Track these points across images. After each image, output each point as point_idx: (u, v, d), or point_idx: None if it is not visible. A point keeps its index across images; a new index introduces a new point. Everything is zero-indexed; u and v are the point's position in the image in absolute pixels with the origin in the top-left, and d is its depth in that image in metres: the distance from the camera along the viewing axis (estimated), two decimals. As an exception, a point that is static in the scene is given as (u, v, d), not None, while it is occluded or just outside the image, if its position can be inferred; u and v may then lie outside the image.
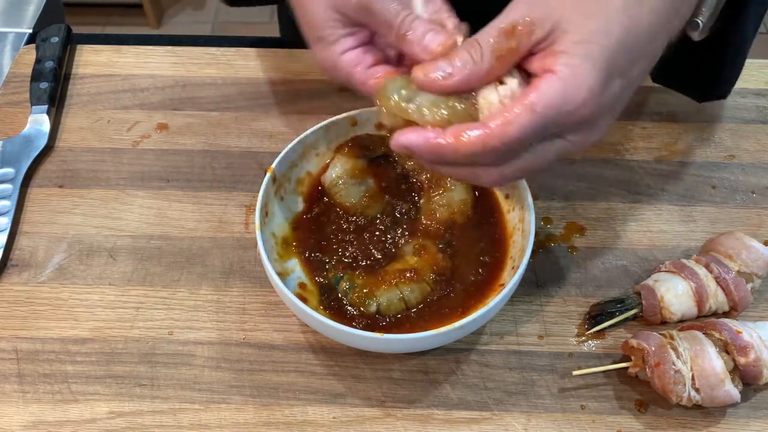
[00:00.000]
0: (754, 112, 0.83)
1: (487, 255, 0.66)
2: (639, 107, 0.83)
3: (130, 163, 0.79)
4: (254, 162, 0.79)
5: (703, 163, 0.79)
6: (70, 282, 0.70)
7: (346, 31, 0.64)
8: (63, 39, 0.87)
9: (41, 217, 0.74)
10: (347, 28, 0.64)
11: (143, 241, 0.73)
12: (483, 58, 0.51)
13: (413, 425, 0.61)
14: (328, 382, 0.64)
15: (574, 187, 0.77)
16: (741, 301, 0.64)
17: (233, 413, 0.62)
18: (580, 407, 0.62)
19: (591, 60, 0.49)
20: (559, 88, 0.48)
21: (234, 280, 0.70)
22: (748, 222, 0.74)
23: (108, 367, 0.64)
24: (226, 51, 0.89)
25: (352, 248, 0.67)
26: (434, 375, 0.64)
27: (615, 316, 0.66)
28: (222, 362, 0.65)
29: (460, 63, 0.51)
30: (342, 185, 0.69)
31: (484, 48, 0.50)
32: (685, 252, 0.72)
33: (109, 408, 0.62)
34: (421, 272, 0.63)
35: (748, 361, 0.59)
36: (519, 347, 0.66)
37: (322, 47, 0.65)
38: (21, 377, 0.64)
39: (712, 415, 0.62)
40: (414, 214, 0.68)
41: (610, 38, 0.49)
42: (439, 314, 0.63)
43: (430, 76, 0.51)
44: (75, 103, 0.84)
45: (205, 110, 0.84)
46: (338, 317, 0.62)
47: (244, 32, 2.54)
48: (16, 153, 0.78)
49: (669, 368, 0.59)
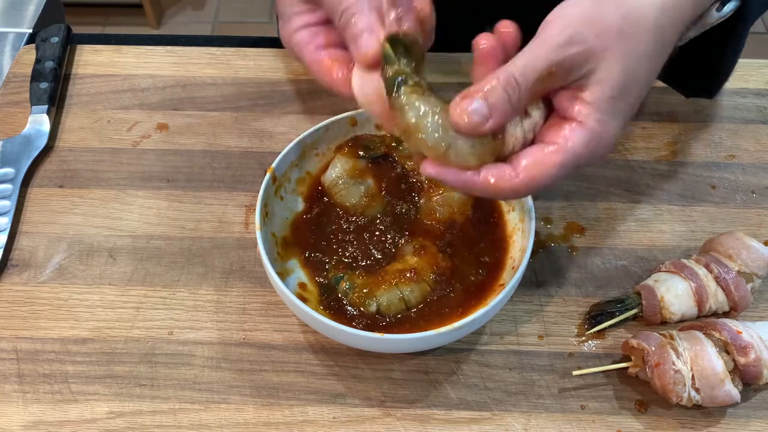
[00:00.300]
0: (754, 112, 0.83)
1: (487, 255, 0.66)
2: (639, 107, 0.83)
3: (130, 163, 0.79)
4: (254, 162, 0.79)
5: (703, 163, 0.79)
6: (70, 282, 0.70)
7: (304, 8, 0.65)
8: (63, 39, 0.87)
9: (41, 217, 0.74)
10: (305, 5, 0.65)
11: (143, 241, 0.73)
12: (520, 99, 0.50)
13: (413, 425, 0.61)
14: (328, 382, 0.64)
15: (574, 187, 0.77)
16: (741, 301, 0.64)
17: (233, 413, 0.62)
18: (580, 407, 0.62)
19: (619, 116, 0.51)
20: (588, 142, 0.50)
21: (234, 280, 0.70)
22: (748, 222, 0.74)
23: (108, 367, 0.64)
24: (226, 51, 0.90)
25: (352, 248, 0.67)
26: (434, 375, 0.64)
27: (615, 316, 0.66)
28: (222, 362, 0.65)
29: (497, 102, 0.49)
30: (342, 185, 0.69)
31: (522, 89, 0.50)
32: (685, 252, 0.72)
33: (109, 408, 0.62)
34: (421, 272, 0.63)
35: (748, 361, 0.59)
36: (519, 347, 0.66)
37: (282, 23, 0.66)
38: (21, 377, 0.64)
39: (712, 415, 0.62)
40: (414, 214, 0.68)
41: (636, 89, 0.52)
42: (439, 314, 0.63)
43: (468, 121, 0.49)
44: (75, 103, 0.84)
45: (205, 110, 0.84)
46: (338, 317, 0.62)
47: (244, 32, 2.55)
48: (16, 153, 0.78)
49: (669, 368, 0.59)
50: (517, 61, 0.50)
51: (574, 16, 0.50)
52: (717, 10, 0.59)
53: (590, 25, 0.50)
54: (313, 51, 0.64)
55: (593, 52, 0.50)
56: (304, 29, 0.65)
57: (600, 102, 0.50)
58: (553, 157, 0.50)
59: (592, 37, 0.50)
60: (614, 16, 0.51)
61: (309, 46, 0.65)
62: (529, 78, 0.49)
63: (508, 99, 0.49)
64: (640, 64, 0.52)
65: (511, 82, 0.49)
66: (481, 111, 0.49)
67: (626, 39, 0.51)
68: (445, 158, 0.51)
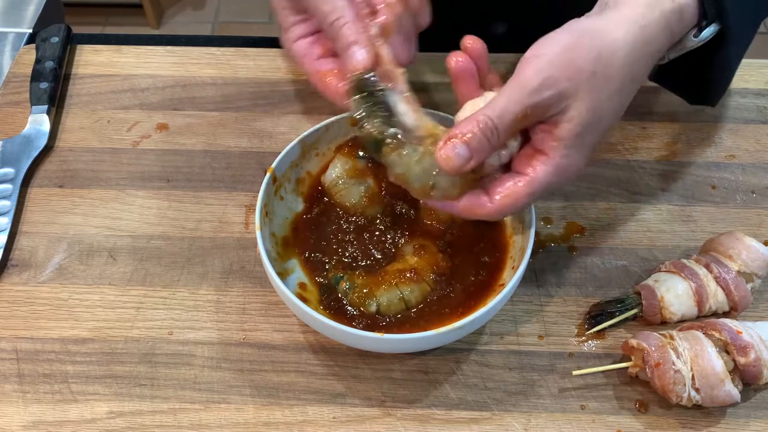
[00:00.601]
0: (754, 112, 0.83)
1: (487, 255, 0.66)
2: (639, 107, 0.83)
3: (130, 163, 0.79)
4: (254, 162, 0.79)
5: (703, 163, 0.79)
6: (70, 282, 0.70)
7: (297, 18, 0.69)
8: (63, 39, 0.87)
9: (41, 217, 0.74)
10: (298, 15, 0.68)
11: (143, 241, 0.73)
12: (499, 140, 0.55)
13: (413, 425, 0.61)
14: (328, 382, 0.64)
15: (574, 187, 0.77)
16: (741, 301, 0.64)
17: (233, 413, 0.62)
18: (580, 407, 0.62)
19: (584, 149, 0.56)
20: (554, 174, 0.56)
21: (234, 280, 0.70)
22: (748, 222, 0.74)
23: (108, 367, 0.64)
24: (226, 51, 0.90)
25: (352, 248, 0.67)
26: (434, 375, 0.64)
27: (615, 316, 0.66)
28: (222, 362, 0.65)
29: (477, 146, 0.54)
30: (342, 185, 0.69)
31: (500, 131, 0.54)
32: (685, 252, 0.72)
33: (109, 408, 0.62)
34: (421, 272, 0.63)
35: (748, 361, 0.59)
36: (519, 347, 0.66)
37: (281, 34, 0.69)
38: (21, 377, 0.64)
39: (712, 415, 0.62)
40: (414, 214, 0.68)
41: (602, 124, 0.56)
42: (439, 314, 0.63)
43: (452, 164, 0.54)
44: (75, 103, 0.84)
45: (205, 110, 0.84)
46: (338, 317, 0.62)
47: (244, 32, 2.55)
48: (16, 153, 0.78)
49: (669, 368, 0.59)
50: (495, 105, 0.54)
51: (549, 58, 0.54)
52: (694, 36, 0.61)
53: (564, 69, 0.53)
54: (310, 62, 0.68)
55: (565, 95, 0.54)
56: (301, 40, 0.69)
57: (568, 138, 0.55)
58: (523, 189, 0.56)
59: (565, 80, 0.53)
60: (588, 57, 0.54)
61: (306, 58, 0.69)
62: (505, 121, 0.54)
63: (487, 142, 0.54)
64: (609, 99, 0.56)
65: (490, 126, 0.54)
66: (463, 154, 0.54)
67: (597, 78, 0.54)
68: (431, 195, 0.58)
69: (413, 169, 0.57)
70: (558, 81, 0.53)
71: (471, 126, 0.54)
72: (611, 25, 0.56)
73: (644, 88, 0.80)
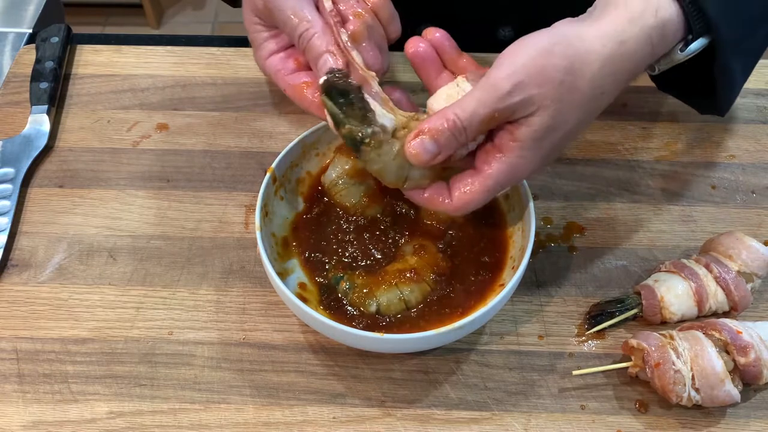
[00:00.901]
0: (754, 112, 0.83)
1: (487, 255, 0.66)
2: (639, 107, 0.83)
3: (130, 163, 0.79)
4: (254, 162, 0.79)
5: (703, 163, 0.79)
6: (70, 282, 0.70)
7: (268, 34, 0.71)
8: (63, 39, 0.87)
9: (41, 217, 0.74)
10: (268, 31, 0.70)
11: (143, 241, 0.73)
12: (466, 138, 0.56)
13: (413, 425, 0.61)
14: (328, 382, 0.64)
15: (574, 187, 0.77)
16: (741, 301, 0.65)
17: (233, 413, 0.62)
18: (580, 407, 0.62)
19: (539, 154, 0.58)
20: (508, 173, 0.58)
21: (234, 280, 0.70)
22: (748, 222, 0.74)
23: (108, 367, 0.64)
24: (226, 51, 0.90)
25: (352, 248, 0.67)
26: (434, 375, 0.64)
27: (615, 316, 0.66)
28: (222, 362, 0.65)
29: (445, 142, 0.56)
30: (342, 185, 0.69)
31: (468, 131, 0.56)
32: (685, 252, 0.72)
33: (109, 408, 0.62)
34: (421, 272, 0.63)
35: (748, 361, 0.59)
36: (519, 347, 0.66)
37: (254, 51, 0.71)
38: (21, 377, 0.64)
39: (712, 415, 0.62)
40: (414, 214, 0.68)
41: (562, 132, 0.57)
42: (439, 314, 0.63)
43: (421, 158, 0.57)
44: (75, 103, 0.84)
45: (205, 110, 0.84)
46: (338, 317, 0.62)
47: (244, 32, 2.54)
48: (16, 153, 0.78)
49: (669, 368, 0.59)
50: (465, 106, 0.55)
51: (523, 62, 0.55)
52: (681, 50, 0.60)
53: (535, 76, 0.54)
54: (285, 77, 0.70)
55: (533, 101, 0.55)
56: (274, 55, 0.71)
57: (525, 141, 0.56)
58: (479, 186, 0.58)
59: (534, 87, 0.54)
60: (559, 66, 0.55)
61: (281, 73, 0.70)
62: (473, 122, 0.55)
63: (455, 139, 0.56)
64: (572, 111, 0.56)
65: (458, 126, 0.55)
66: (431, 149, 0.56)
67: (564, 88, 0.55)
68: (404, 186, 0.60)
69: (389, 165, 0.59)
70: (527, 87, 0.54)
71: (440, 122, 0.56)
72: (590, 35, 0.56)
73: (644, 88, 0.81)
